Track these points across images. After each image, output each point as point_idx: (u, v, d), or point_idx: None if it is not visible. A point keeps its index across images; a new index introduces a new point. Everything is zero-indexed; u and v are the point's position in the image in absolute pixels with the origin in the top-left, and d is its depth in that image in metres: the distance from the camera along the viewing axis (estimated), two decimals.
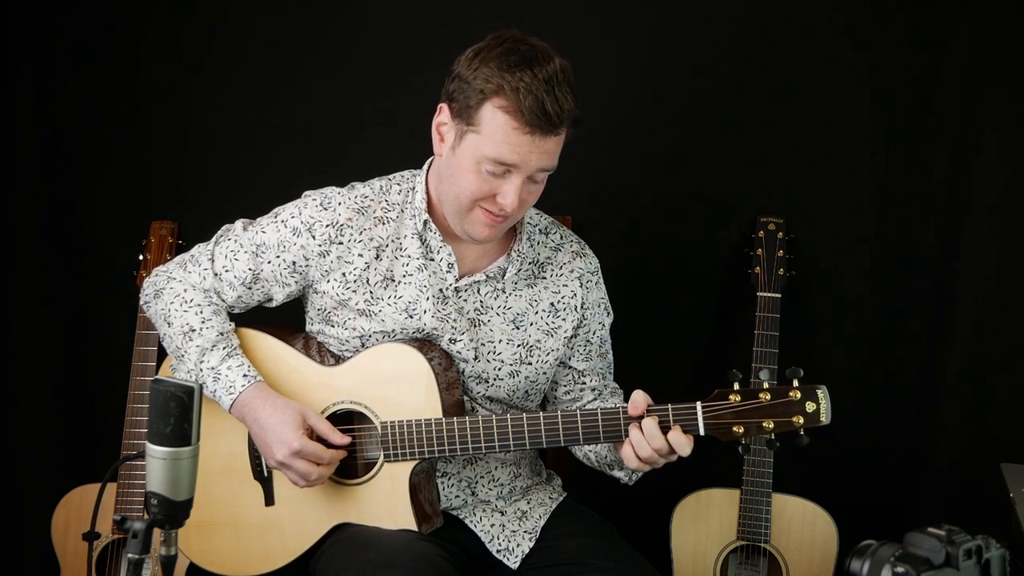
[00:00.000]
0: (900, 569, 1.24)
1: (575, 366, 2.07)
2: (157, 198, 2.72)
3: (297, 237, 1.97)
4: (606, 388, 2.10)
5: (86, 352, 2.78)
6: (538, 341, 2.01)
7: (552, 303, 2.02)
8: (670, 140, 2.63)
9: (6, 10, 2.69)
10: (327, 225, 1.96)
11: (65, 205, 2.75)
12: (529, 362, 2.01)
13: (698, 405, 1.80)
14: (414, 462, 1.91)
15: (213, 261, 2.03)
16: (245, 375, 1.94)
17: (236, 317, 2.06)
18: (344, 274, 1.97)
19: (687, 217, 2.64)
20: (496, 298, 2.00)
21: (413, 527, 1.91)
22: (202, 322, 1.99)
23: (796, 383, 1.77)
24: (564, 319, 2.03)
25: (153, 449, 1.41)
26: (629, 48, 2.59)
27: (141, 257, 2.58)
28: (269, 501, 1.98)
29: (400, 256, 1.98)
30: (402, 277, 1.97)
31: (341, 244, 1.96)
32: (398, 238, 1.98)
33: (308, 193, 2.02)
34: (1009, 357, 2.51)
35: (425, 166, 2.02)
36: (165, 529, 1.43)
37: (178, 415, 1.40)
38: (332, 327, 2.00)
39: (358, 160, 2.50)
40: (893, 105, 2.53)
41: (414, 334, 1.97)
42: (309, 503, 1.97)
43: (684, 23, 2.59)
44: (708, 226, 2.63)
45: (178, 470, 1.41)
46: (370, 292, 1.97)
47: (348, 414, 1.97)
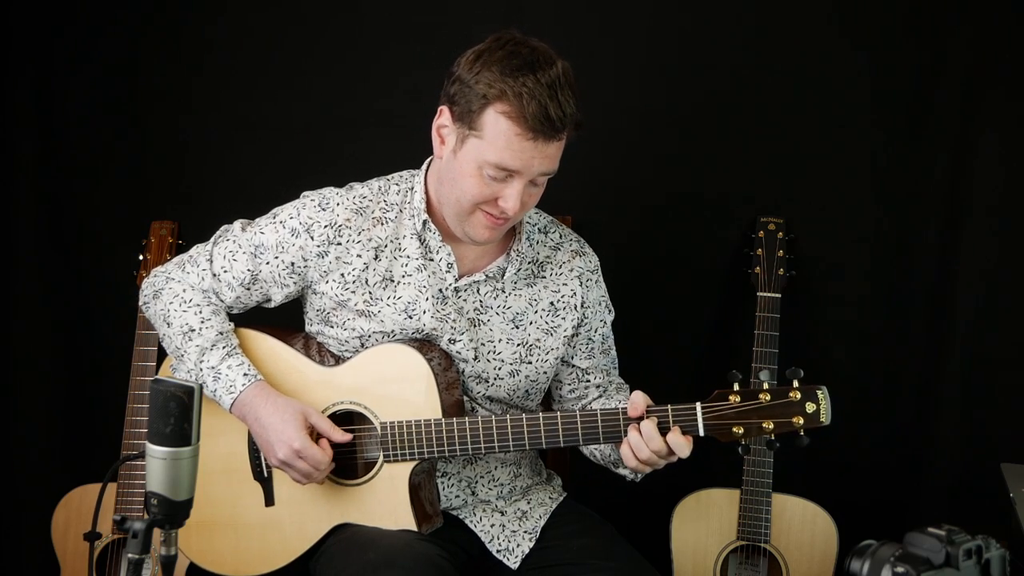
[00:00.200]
0: (900, 569, 1.23)
1: (578, 364, 2.07)
2: (157, 198, 2.72)
3: (295, 238, 1.97)
4: (611, 384, 2.10)
5: (86, 352, 2.78)
6: (538, 340, 2.01)
7: (552, 302, 2.02)
8: (670, 140, 2.63)
9: (6, 10, 2.69)
10: (325, 226, 1.96)
11: (65, 205, 2.75)
12: (529, 361, 2.01)
13: (698, 406, 1.80)
14: (414, 462, 1.91)
15: (211, 262, 2.03)
16: (245, 374, 1.94)
17: (236, 317, 2.06)
18: (343, 275, 1.97)
19: (687, 217, 2.64)
20: (496, 298, 2.00)
21: (413, 527, 1.90)
22: (201, 322, 1.99)
23: (796, 383, 1.77)
24: (564, 318, 2.03)
25: (153, 449, 1.41)
26: (629, 48, 2.59)
27: (141, 257, 2.58)
28: (269, 501, 1.98)
29: (399, 256, 1.98)
30: (401, 277, 1.97)
31: (340, 245, 1.96)
32: (397, 238, 1.98)
33: (306, 194, 2.02)
34: (1009, 357, 2.51)
35: (424, 166, 2.01)
36: (165, 529, 1.43)
37: (178, 415, 1.40)
38: (331, 328, 2.00)
39: (357, 160, 2.50)
40: (893, 105, 2.53)
41: (413, 334, 1.97)
42: (309, 503, 1.97)
43: (684, 23, 2.59)
44: (708, 226, 2.63)
45: (178, 470, 1.41)
46: (369, 293, 1.96)
47: (348, 414, 1.96)
